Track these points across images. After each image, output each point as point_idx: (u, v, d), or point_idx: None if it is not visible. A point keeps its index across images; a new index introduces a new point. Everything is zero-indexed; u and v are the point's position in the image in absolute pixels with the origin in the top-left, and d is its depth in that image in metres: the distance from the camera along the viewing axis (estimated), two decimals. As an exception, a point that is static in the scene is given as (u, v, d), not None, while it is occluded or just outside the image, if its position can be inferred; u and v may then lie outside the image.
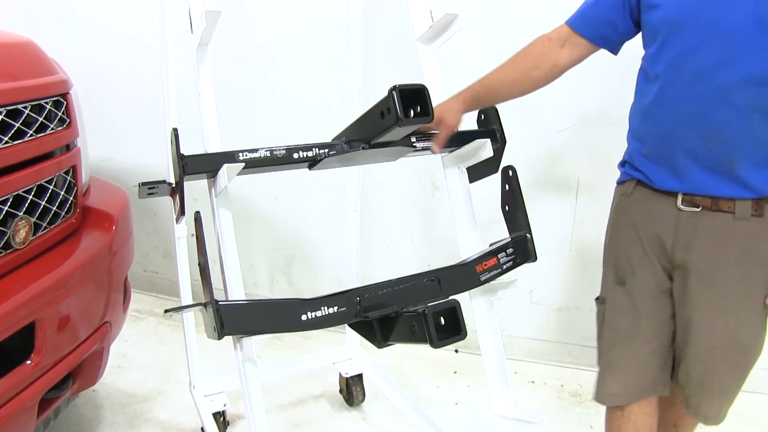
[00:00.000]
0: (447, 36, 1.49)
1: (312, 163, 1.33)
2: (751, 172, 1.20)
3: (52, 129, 1.48)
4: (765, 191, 1.22)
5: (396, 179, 2.41)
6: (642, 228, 1.35)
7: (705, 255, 1.27)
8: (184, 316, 1.96)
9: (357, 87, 2.00)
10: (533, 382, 2.34)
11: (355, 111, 1.94)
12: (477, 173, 1.49)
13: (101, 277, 1.57)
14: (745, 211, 1.23)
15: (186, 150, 1.21)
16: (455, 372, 2.39)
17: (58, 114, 1.51)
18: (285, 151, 1.29)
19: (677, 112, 1.23)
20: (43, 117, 1.45)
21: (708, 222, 1.26)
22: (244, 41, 2.44)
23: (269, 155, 1.27)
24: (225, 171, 1.18)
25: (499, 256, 1.39)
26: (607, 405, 1.46)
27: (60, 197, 1.52)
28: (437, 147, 1.42)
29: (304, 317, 1.18)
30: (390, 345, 1.28)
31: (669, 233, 1.30)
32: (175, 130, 1.22)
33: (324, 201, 2.48)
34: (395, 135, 1.30)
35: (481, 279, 1.37)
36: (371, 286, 1.26)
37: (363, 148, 1.34)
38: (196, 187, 1.30)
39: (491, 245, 1.43)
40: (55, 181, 1.50)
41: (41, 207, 1.44)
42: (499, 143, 1.45)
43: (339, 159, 1.35)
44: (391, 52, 2.25)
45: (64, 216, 1.54)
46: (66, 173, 1.55)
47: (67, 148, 1.55)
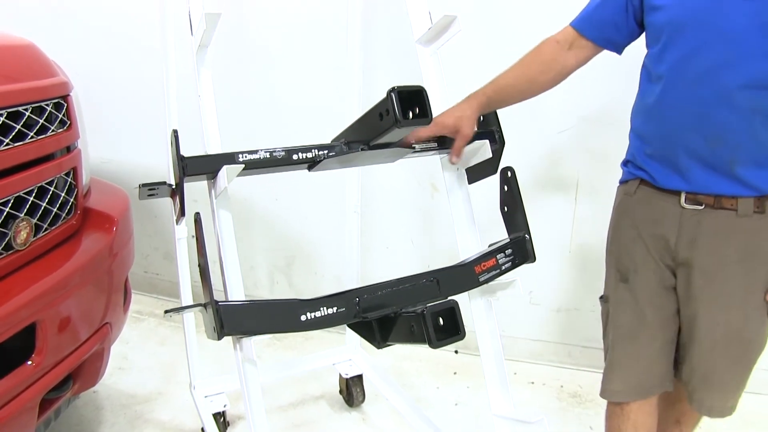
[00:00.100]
0: (446, 38, 1.49)
1: (311, 165, 1.34)
2: (753, 171, 1.21)
3: (52, 131, 1.48)
4: (767, 189, 1.23)
5: (396, 180, 2.42)
6: (645, 226, 1.35)
7: (708, 252, 1.28)
8: (184, 317, 1.96)
9: (357, 88, 2.00)
10: (533, 382, 2.34)
11: (355, 112, 1.94)
12: (476, 174, 1.49)
13: (102, 279, 1.58)
14: (747, 209, 1.24)
15: (186, 151, 1.21)
16: (455, 373, 2.39)
17: (58, 116, 1.52)
18: (284, 153, 1.29)
19: (680, 113, 1.23)
20: (44, 119, 1.45)
21: (711, 219, 1.26)
22: (244, 42, 2.44)
23: (269, 156, 1.27)
24: (225, 172, 1.18)
25: (498, 256, 1.40)
26: (609, 400, 1.46)
27: (61, 199, 1.52)
28: (456, 157, 1.42)
29: (303, 318, 1.18)
30: (389, 345, 1.29)
31: (672, 231, 1.30)
32: (175, 131, 1.22)
33: (324, 202, 2.48)
34: (394, 136, 1.31)
35: (480, 280, 1.37)
36: (370, 286, 1.27)
37: (362, 149, 1.35)
38: (196, 189, 1.31)
39: (490, 246, 1.43)
40: (56, 183, 1.50)
41: (42, 208, 1.44)
42: (498, 144, 1.46)
43: (338, 160, 1.35)
44: (391, 53, 2.26)
45: (64, 217, 1.55)
46: (67, 175, 1.56)
47: (68, 149, 1.56)
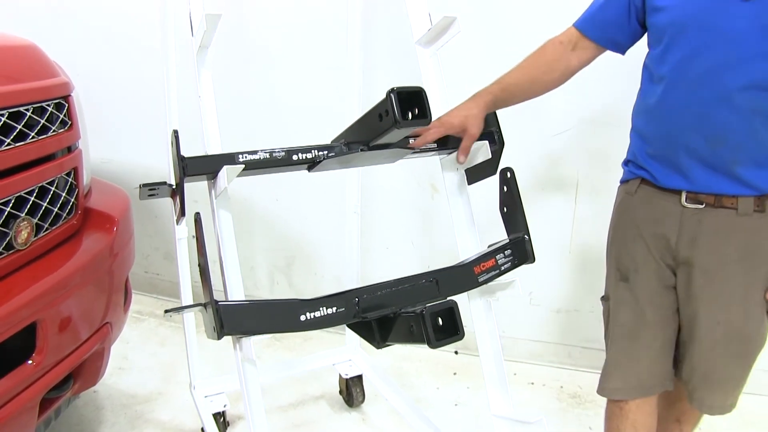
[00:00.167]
0: (446, 39, 1.49)
1: (311, 165, 1.34)
2: (754, 172, 1.22)
3: (53, 131, 1.49)
4: (767, 189, 1.24)
5: (395, 181, 2.42)
6: (645, 226, 1.36)
7: (708, 251, 1.29)
8: (184, 317, 1.96)
9: (357, 89, 2.00)
10: (533, 383, 2.34)
11: (355, 113, 1.95)
12: (475, 175, 1.49)
13: (102, 278, 1.58)
14: (748, 208, 1.24)
15: (186, 152, 1.21)
16: (455, 373, 2.39)
17: (59, 116, 1.52)
18: (284, 153, 1.29)
19: (681, 113, 1.24)
20: (45, 119, 1.45)
21: (711, 218, 1.27)
22: (244, 42, 2.45)
23: (268, 157, 1.27)
24: (225, 172, 1.19)
25: (497, 257, 1.40)
26: (608, 398, 1.46)
27: (61, 199, 1.53)
28: (463, 157, 1.41)
29: (303, 318, 1.19)
30: (388, 345, 1.29)
31: (673, 230, 1.31)
32: (176, 131, 1.22)
33: (324, 202, 2.49)
34: (394, 137, 1.31)
35: (479, 280, 1.37)
36: (370, 286, 1.27)
37: (362, 149, 1.35)
38: (196, 189, 1.31)
39: (490, 246, 1.43)
40: (57, 183, 1.51)
41: (43, 208, 1.44)
42: (497, 145, 1.46)
43: (338, 161, 1.36)
44: (391, 53, 2.26)
45: (65, 217, 1.55)
46: (67, 175, 1.56)
47: (69, 150, 1.56)
